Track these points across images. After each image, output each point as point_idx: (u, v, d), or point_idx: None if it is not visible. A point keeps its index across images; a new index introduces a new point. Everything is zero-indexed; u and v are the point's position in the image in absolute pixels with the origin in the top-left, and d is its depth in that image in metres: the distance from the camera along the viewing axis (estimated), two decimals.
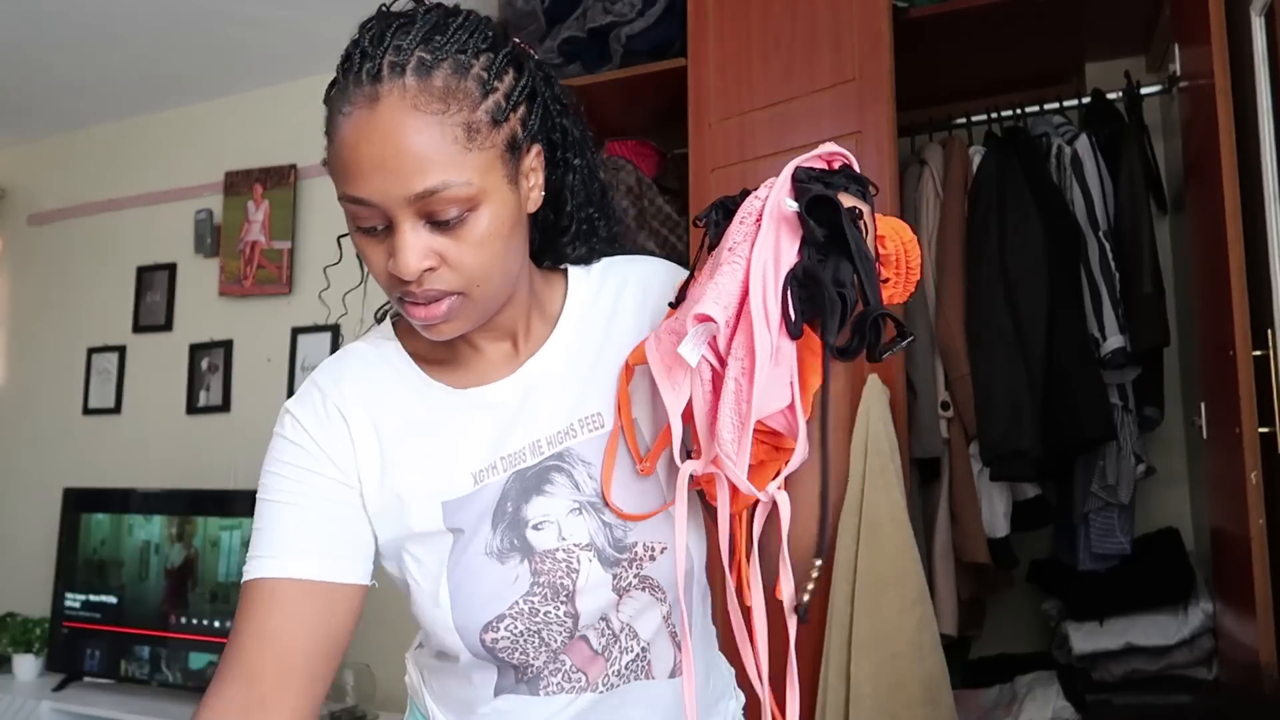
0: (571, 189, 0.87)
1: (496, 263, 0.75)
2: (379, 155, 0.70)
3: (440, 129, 0.70)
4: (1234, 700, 1.79)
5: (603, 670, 0.85)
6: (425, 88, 0.70)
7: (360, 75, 0.71)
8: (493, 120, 0.73)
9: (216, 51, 2.99)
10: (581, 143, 0.87)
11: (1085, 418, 1.96)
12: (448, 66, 0.71)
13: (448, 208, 0.71)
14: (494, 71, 0.74)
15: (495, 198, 0.73)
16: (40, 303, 3.58)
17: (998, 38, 2.21)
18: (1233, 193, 1.61)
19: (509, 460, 0.83)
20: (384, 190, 0.71)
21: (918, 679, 1.68)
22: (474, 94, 0.72)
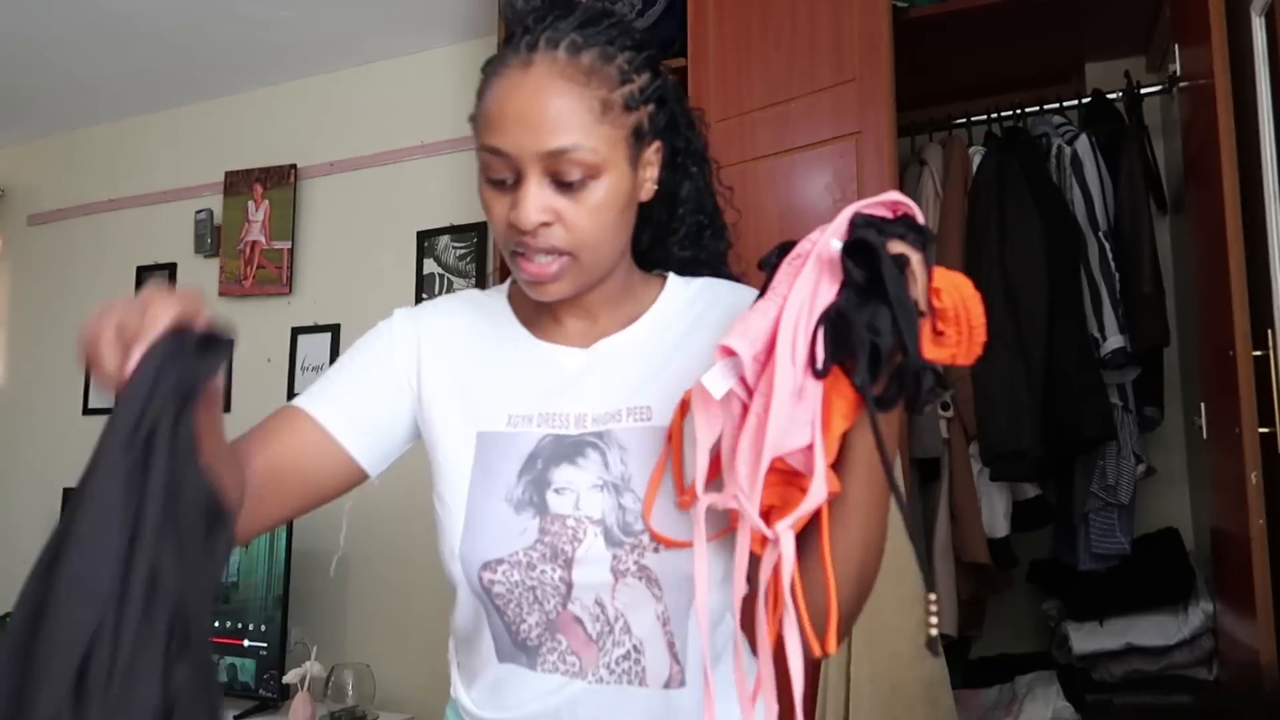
0: (686, 194, 0.95)
1: (606, 232, 0.83)
2: (523, 110, 0.79)
3: (580, 98, 0.79)
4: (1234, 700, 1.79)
5: (596, 659, 0.85)
6: (573, 62, 0.80)
7: (519, 45, 0.82)
8: (625, 105, 0.82)
9: (217, 51, 2.99)
10: (701, 157, 0.96)
11: (1085, 418, 1.96)
12: (596, 51, 0.81)
13: (572, 169, 0.79)
14: (633, 66, 0.84)
15: (615, 172, 0.81)
16: (40, 303, 3.58)
17: (998, 38, 2.21)
18: (1233, 193, 1.61)
19: (547, 419, 0.88)
20: (520, 143, 0.79)
21: (918, 679, 1.68)
22: (614, 78, 0.82)
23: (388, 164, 2.98)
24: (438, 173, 2.90)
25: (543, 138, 0.78)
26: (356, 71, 3.08)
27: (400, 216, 2.93)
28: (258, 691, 2.61)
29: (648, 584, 0.83)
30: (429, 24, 2.82)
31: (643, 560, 0.82)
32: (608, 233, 0.83)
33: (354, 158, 3.03)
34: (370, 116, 3.03)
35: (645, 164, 0.86)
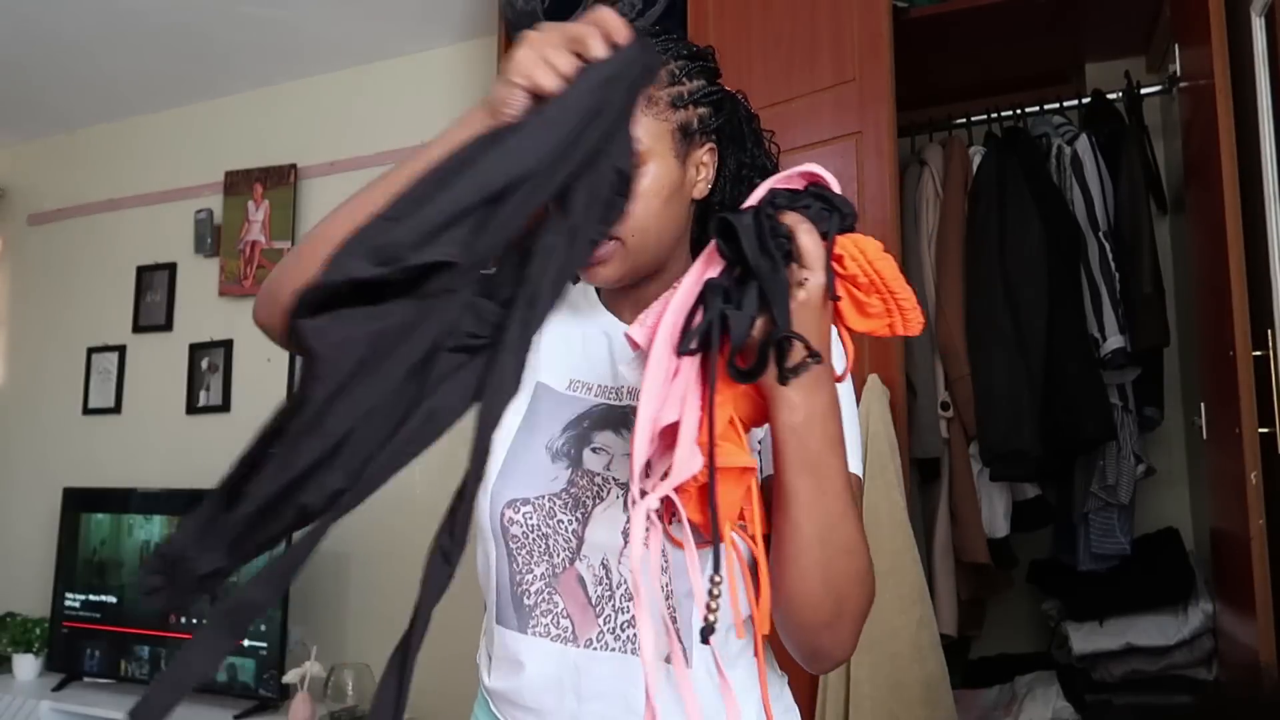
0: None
1: (650, 219, 0.86)
2: None
3: None
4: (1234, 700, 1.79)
5: (592, 624, 0.85)
6: None
7: None
8: (672, 103, 0.87)
9: (216, 51, 2.99)
10: (766, 172, 0.97)
11: (1085, 418, 1.96)
12: None
13: None
14: (685, 71, 0.90)
15: (660, 162, 0.86)
16: (40, 303, 3.58)
17: (998, 38, 2.21)
18: (1233, 193, 1.61)
19: (605, 390, 0.93)
20: None
21: (918, 679, 1.68)
22: (663, 79, 0.87)
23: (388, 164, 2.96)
24: None
25: None
26: (356, 71, 3.08)
27: None
28: (258, 691, 2.61)
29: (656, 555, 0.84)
30: (429, 24, 2.82)
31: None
32: (653, 219, 0.87)
33: (354, 158, 3.03)
34: (370, 116, 3.03)
35: (695, 162, 0.90)
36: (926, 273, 2.17)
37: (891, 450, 1.75)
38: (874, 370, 1.79)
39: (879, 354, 1.80)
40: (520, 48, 0.71)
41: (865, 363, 1.81)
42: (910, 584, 1.72)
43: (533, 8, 2.33)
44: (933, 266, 2.17)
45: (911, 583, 1.72)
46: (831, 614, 0.73)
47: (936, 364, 2.13)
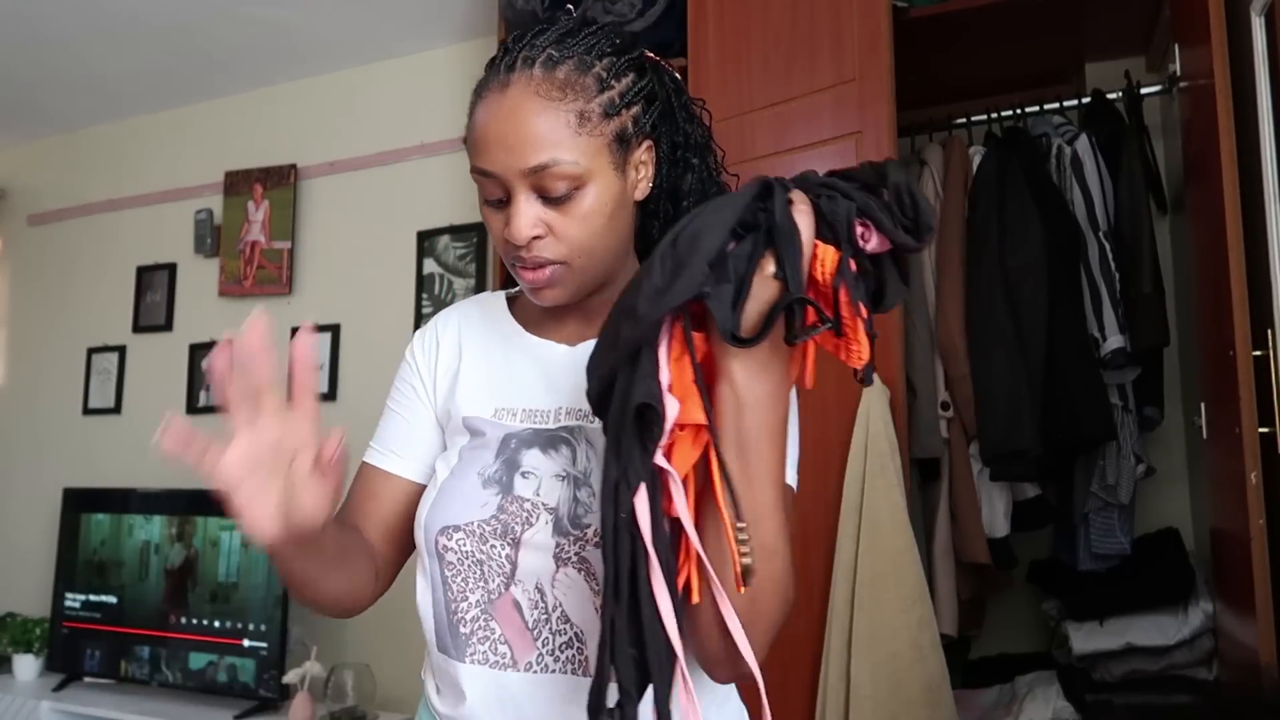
0: (689, 187, 0.95)
1: (598, 238, 0.85)
2: (502, 132, 0.83)
3: (556, 113, 0.82)
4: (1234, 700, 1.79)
5: (532, 649, 0.85)
6: (549, 78, 0.83)
7: (499, 67, 0.85)
8: (604, 113, 0.84)
9: (216, 51, 2.99)
10: (702, 147, 0.96)
11: (1085, 418, 1.96)
12: (572, 63, 0.84)
13: (557, 183, 0.82)
14: (613, 72, 0.86)
15: (601, 180, 0.84)
16: (40, 303, 3.58)
17: (998, 38, 2.21)
18: (1233, 193, 1.61)
19: (530, 414, 0.92)
20: (503, 163, 0.83)
21: (918, 679, 1.68)
22: (591, 88, 0.84)
23: (388, 164, 2.99)
24: (438, 173, 2.90)
25: (523, 157, 0.81)
26: (356, 71, 3.08)
27: (400, 216, 2.93)
28: (258, 691, 2.61)
29: (586, 576, 0.84)
30: (429, 24, 2.82)
31: (583, 553, 0.84)
32: (599, 238, 0.85)
33: (354, 158, 3.03)
34: (370, 116, 3.03)
35: (635, 165, 0.88)
36: (926, 273, 2.17)
37: (891, 450, 1.75)
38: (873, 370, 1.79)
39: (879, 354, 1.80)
40: None
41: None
42: (910, 584, 1.72)
43: (532, 8, 2.33)
44: (933, 266, 2.17)
45: (912, 583, 1.72)
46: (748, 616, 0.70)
47: (936, 364, 2.13)
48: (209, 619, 2.74)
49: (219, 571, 2.77)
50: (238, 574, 2.73)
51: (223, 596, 2.74)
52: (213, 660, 2.71)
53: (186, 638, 2.76)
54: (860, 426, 1.77)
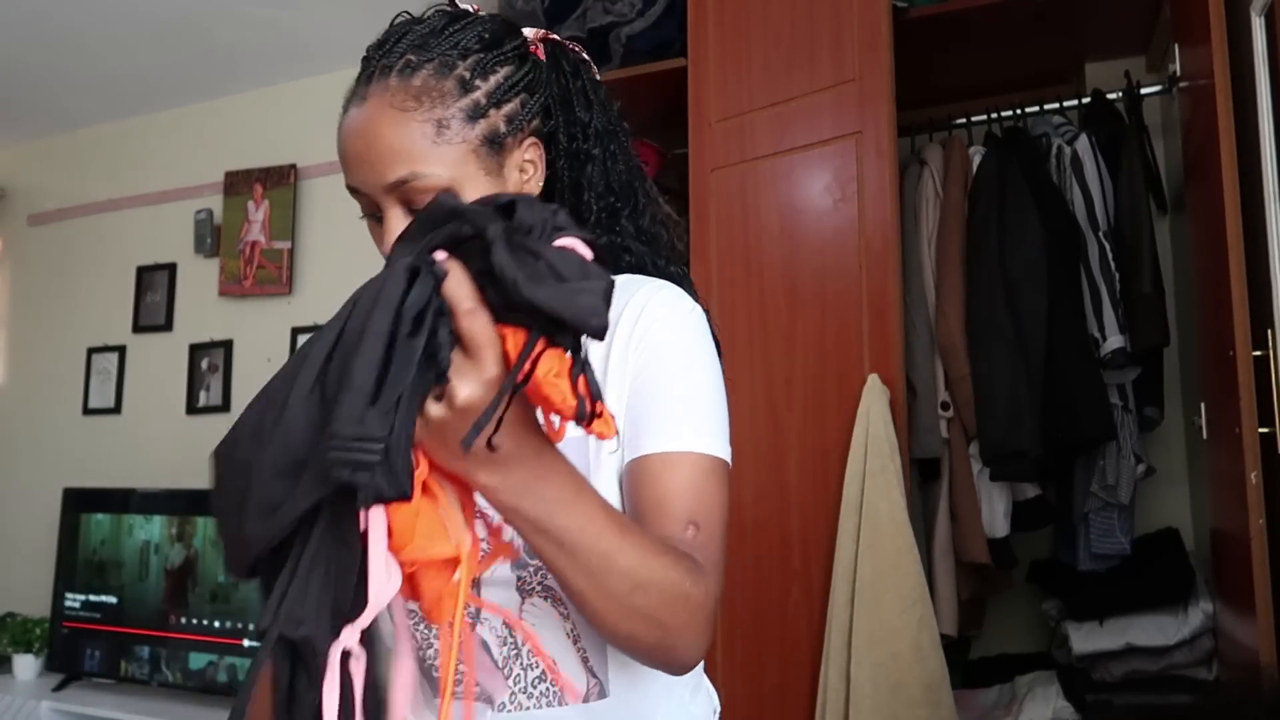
0: (590, 179, 0.90)
1: None
2: (359, 149, 0.80)
3: (411, 125, 0.78)
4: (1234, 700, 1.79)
5: (504, 689, 0.82)
6: (404, 87, 0.79)
7: (360, 77, 0.82)
8: (467, 117, 0.79)
9: (216, 51, 2.99)
10: (606, 134, 0.91)
11: (1085, 418, 1.96)
12: (431, 67, 0.79)
13: (422, 196, 0.78)
14: (479, 70, 0.80)
15: (469, 187, 0.79)
16: (40, 303, 3.58)
17: (998, 38, 2.21)
18: (1233, 193, 1.61)
19: None
20: (365, 180, 0.80)
21: (918, 679, 1.68)
22: (451, 92, 0.79)
23: None
24: None
25: (381, 172, 0.78)
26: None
27: None
28: None
29: (554, 602, 0.81)
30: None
31: (547, 580, 0.80)
32: None
33: None
34: None
35: (518, 166, 0.83)
36: (926, 273, 2.17)
37: (891, 450, 1.75)
38: (874, 370, 1.79)
39: (879, 354, 1.80)
40: None
41: (865, 362, 1.81)
42: (910, 584, 1.72)
43: (532, 8, 2.33)
44: (933, 266, 2.17)
45: (912, 583, 1.72)
46: (657, 639, 0.70)
47: (936, 364, 2.13)
48: (209, 619, 2.74)
49: (219, 571, 2.77)
50: None
51: (223, 596, 2.74)
52: (213, 660, 2.71)
53: (186, 638, 2.76)
54: (860, 426, 1.77)
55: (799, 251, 1.92)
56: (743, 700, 1.86)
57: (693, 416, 0.81)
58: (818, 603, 1.79)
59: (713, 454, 0.80)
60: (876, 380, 1.78)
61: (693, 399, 0.82)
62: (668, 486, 0.78)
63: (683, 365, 0.83)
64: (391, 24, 0.84)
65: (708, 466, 0.80)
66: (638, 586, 0.67)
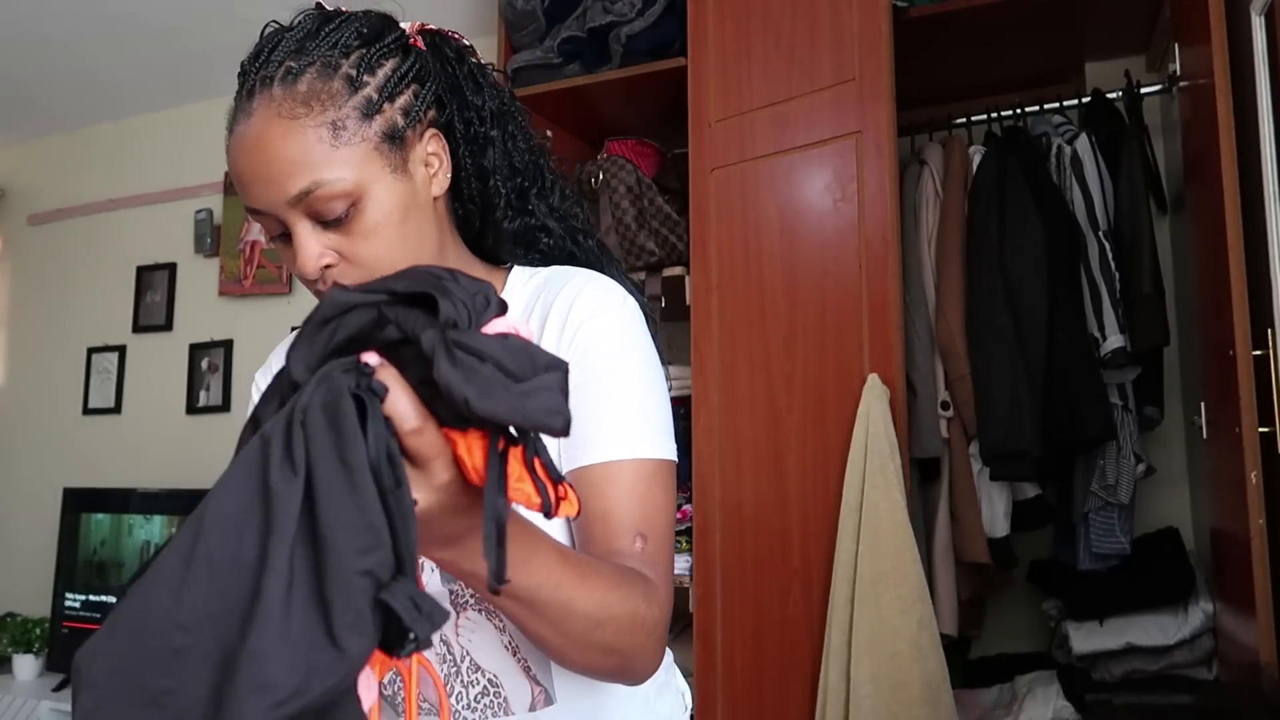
0: (494, 163, 0.87)
1: (394, 249, 0.77)
2: (254, 166, 0.75)
3: (305, 132, 0.73)
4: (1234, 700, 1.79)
5: (446, 703, 0.82)
6: (290, 94, 0.74)
7: (241, 94, 0.77)
8: (362, 114, 0.75)
9: (217, 51, 2.99)
10: (502, 115, 0.88)
11: (1085, 417, 1.96)
12: (314, 70, 0.75)
13: (329, 205, 0.74)
14: (365, 66, 0.76)
15: (378, 188, 0.76)
16: (40, 303, 3.58)
17: (998, 38, 2.21)
18: (1233, 193, 1.61)
19: None
20: (266, 199, 0.75)
21: (918, 679, 1.68)
22: (340, 92, 0.75)
23: None
24: None
25: (281, 186, 0.74)
26: None
27: None
28: None
29: (489, 614, 0.80)
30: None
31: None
32: (396, 250, 0.77)
33: None
34: None
35: (423, 160, 0.80)
36: (926, 273, 2.17)
37: (891, 450, 1.75)
38: (874, 370, 1.79)
39: (879, 354, 1.80)
40: None
41: (865, 362, 1.81)
42: (910, 584, 1.72)
43: (532, 8, 2.33)
44: (933, 266, 2.17)
45: (912, 583, 1.72)
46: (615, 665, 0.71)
47: (936, 364, 2.13)
48: None
49: None
50: None
51: None
52: None
53: None
54: (860, 426, 1.77)
55: (799, 251, 1.92)
56: (743, 700, 1.86)
57: (632, 421, 0.79)
58: (818, 603, 1.79)
59: (655, 457, 0.79)
60: (876, 380, 1.78)
61: (629, 402, 0.80)
62: (612, 499, 0.77)
63: (616, 366, 0.80)
64: (261, 35, 0.80)
65: (650, 471, 0.79)
66: (597, 625, 0.66)
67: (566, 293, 0.83)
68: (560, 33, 2.30)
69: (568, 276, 0.86)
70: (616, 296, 0.84)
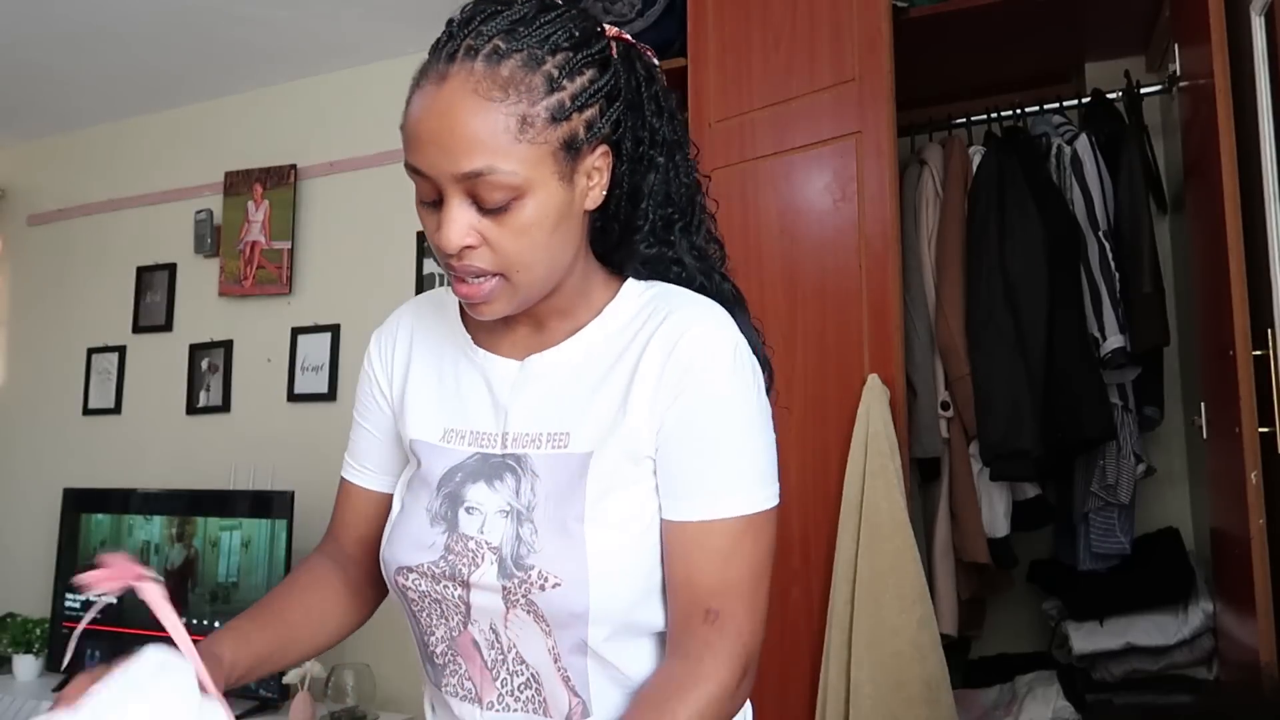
0: (651, 187, 0.88)
1: (538, 252, 0.78)
2: (435, 130, 0.75)
3: (495, 116, 0.73)
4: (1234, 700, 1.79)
5: (492, 689, 0.84)
6: (491, 74, 0.74)
7: (440, 54, 0.76)
8: (551, 117, 0.75)
9: (216, 51, 2.99)
10: (672, 144, 0.89)
11: (1085, 418, 1.96)
12: (520, 58, 0.74)
13: (493, 192, 0.75)
14: (567, 70, 0.76)
15: (542, 191, 0.76)
16: (40, 303, 3.58)
17: (998, 38, 2.21)
18: (1233, 193, 1.61)
19: (477, 437, 0.88)
20: (435, 164, 0.75)
21: (918, 679, 1.69)
22: (538, 89, 0.75)
23: (388, 164, 2.98)
24: None
25: (456, 160, 0.74)
26: (356, 71, 3.08)
27: (400, 216, 2.92)
28: (258, 691, 2.61)
29: (535, 619, 0.81)
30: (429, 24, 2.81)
31: (530, 596, 0.80)
32: (540, 253, 0.78)
33: (354, 158, 3.03)
34: (370, 116, 3.03)
35: (586, 173, 0.80)
36: (926, 273, 2.17)
37: (891, 450, 1.75)
38: (874, 370, 1.79)
39: (879, 354, 1.80)
40: None
41: (865, 362, 1.81)
42: (910, 584, 1.72)
43: None
44: (933, 266, 2.17)
45: (912, 583, 1.72)
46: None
47: (936, 364, 2.13)
48: (209, 619, 2.74)
49: (219, 572, 2.77)
50: (238, 574, 2.73)
51: (223, 597, 2.74)
52: None
53: None
54: (860, 426, 1.77)
55: (799, 251, 1.92)
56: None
57: (732, 479, 0.81)
58: (818, 603, 1.79)
59: (752, 511, 0.81)
60: (876, 380, 1.78)
61: (732, 457, 0.81)
62: (695, 565, 0.80)
63: (721, 418, 0.82)
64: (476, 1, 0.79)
65: (743, 527, 0.81)
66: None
67: (672, 325, 0.83)
68: None
69: (674, 303, 0.86)
70: (725, 336, 0.84)
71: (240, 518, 2.75)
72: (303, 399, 2.98)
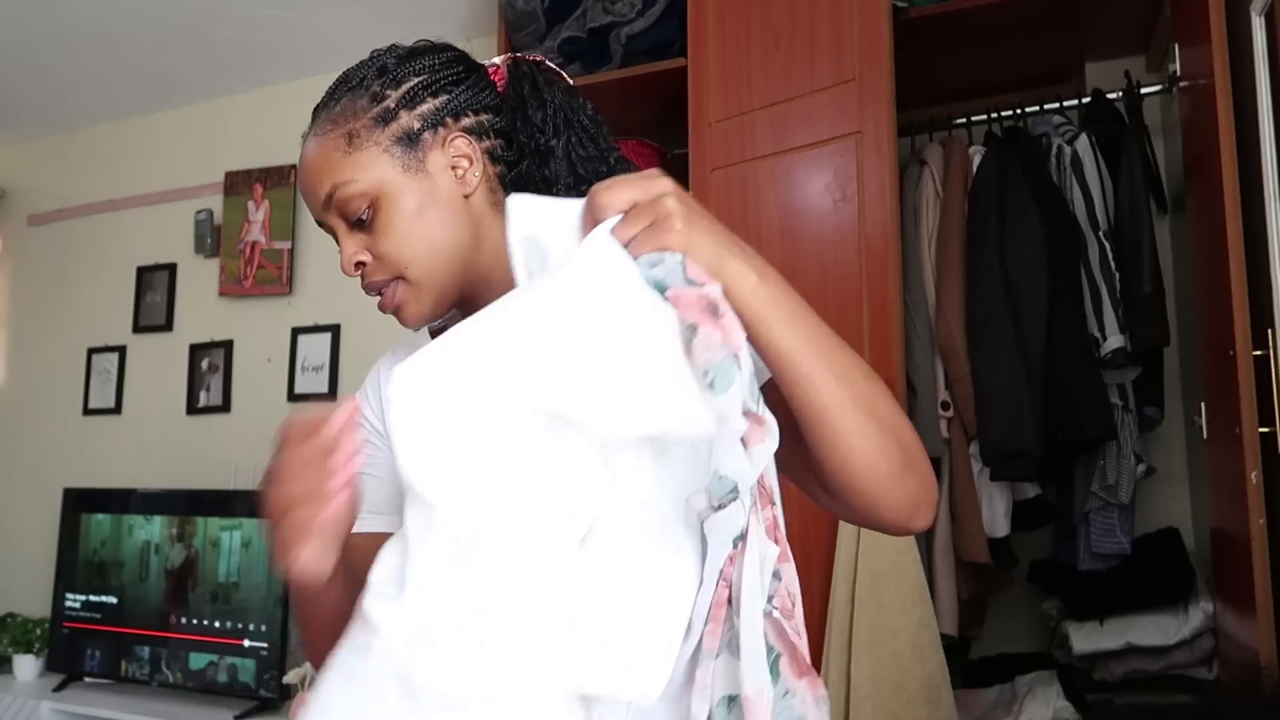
0: (556, 172, 0.90)
1: (414, 243, 0.83)
2: (301, 181, 0.87)
3: (328, 143, 0.83)
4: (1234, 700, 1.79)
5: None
6: (327, 117, 0.85)
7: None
8: (376, 121, 0.83)
9: (216, 51, 2.99)
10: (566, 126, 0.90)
11: (1085, 418, 1.96)
12: (350, 94, 0.84)
13: (350, 205, 0.83)
14: (391, 81, 0.84)
15: (390, 187, 0.82)
16: (40, 303, 3.58)
17: (998, 38, 2.21)
18: (1233, 193, 1.61)
19: None
20: (310, 208, 0.86)
21: (918, 679, 1.69)
22: (363, 107, 0.83)
23: None
24: None
25: (315, 194, 0.84)
26: None
27: None
28: (258, 692, 2.61)
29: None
30: (429, 24, 2.82)
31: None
32: (417, 243, 0.83)
33: None
34: None
35: (449, 163, 0.85)
36: (926, 273, 2.17)
37: None
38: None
39: (879, 354, 1.80)
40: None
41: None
42: (911, 584, 1.72)
43: (532, 8, 2.33)
44: (933, 266, 2.17)
45: (912, 583, 1.72)
46: (899, 462, 0.71)
47: (936, 364, 2.13)
48: (209, 619, 2.74)
49: (219, 572, 2.77)
50: (238, 574, 2.73)
51: (223, 597, 2.74)
52: (213, 660, 2.71)
53: (187, 638, 2.76)
54: None
55: (799, 251, 1.92)
56: None
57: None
58: (818, 603, 1.79)
59: None
60: None
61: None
62: None
63: None
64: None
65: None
66: (875, 390, 0.70)
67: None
68: (560, 33, 2.30)
69: None
70: None
71: (240, 518, 2.75)
72: (303, 399, 2.98)
